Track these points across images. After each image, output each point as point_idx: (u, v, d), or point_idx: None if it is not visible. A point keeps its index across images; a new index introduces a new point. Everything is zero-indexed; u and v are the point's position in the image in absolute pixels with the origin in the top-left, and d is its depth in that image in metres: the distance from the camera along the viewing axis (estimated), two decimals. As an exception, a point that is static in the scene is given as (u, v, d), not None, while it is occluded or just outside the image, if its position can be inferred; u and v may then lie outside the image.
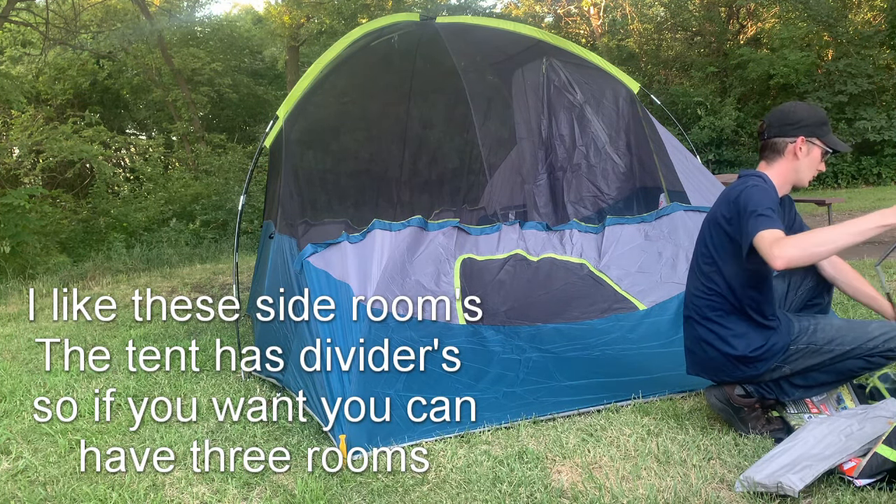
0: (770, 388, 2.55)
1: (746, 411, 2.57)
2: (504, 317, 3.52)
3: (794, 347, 2.48)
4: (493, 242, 3.71)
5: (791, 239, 2.18)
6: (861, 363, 2.48)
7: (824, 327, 2.50)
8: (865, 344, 2.45)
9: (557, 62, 4.46)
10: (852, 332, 2.47)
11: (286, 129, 4.04)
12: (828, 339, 2.47)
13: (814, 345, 2.47)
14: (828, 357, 2.48)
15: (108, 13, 15.09)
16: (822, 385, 2.55)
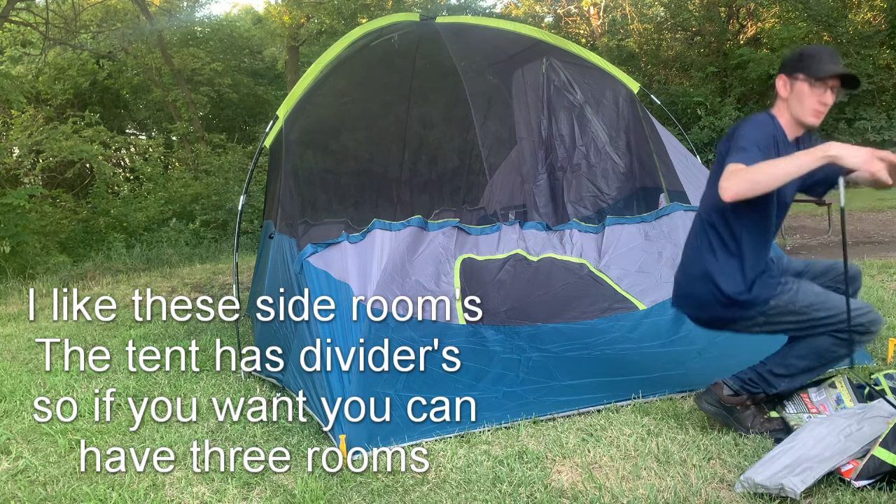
0: (755, 383, 2.57)
1: (739, 409, 2.57)
2: (504, 317, 3.52)
3: (775, 302, 2.48)
4: (493, 242, 3.71)
5: (739, 172, 2.24)
6: (832, 341, 2.48)
7: (807, 291, 2.50)
8: (840, 315, 2.44)
9: (557, 62, 4.46)
10: (830, 302, 2.47)
11: (286, 129, 4.04)
12: (808, 302, 2.48)
13: (793, 304, 2.48)
14: (803, 319, 2.48)
15: (108, 13, 15.08)
16: (803, 372, 2.54)
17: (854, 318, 2.44)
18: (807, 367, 2.54)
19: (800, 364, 2.54)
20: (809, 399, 2.62)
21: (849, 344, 2.47)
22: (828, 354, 2.52)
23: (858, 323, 2.45)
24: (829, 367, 2.59)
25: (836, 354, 2.51)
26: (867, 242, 7.39)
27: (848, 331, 2.44)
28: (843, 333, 2.47)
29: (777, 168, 2.22)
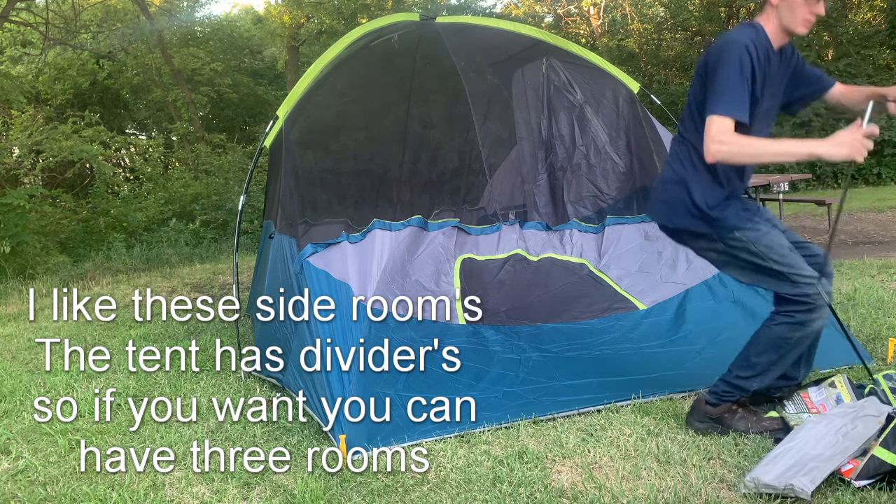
0: (729, 392, 2.57)
1: (728, 417, 2.57)
2: (504, 317, 3.52)
3: (740, 234, 2.48)
4: (493, 242, 3.71)
5: (732, 141, 2.30)
6: (784, 328, 2.48)
7: (774, 238, 2.49)
8: (792, 276, 2.45)
9: (557, 62, 4.45)
10: (790, 258, 2.47)
11: (286, 129, 4.04)
12: (769, 247, 2.47)
13: (755, 244, 2.47)
14: (757, 263, 2.48)
15: (108, 13, 15.07)
16: (768, 367, 2.53)
17: (803, 288, 2.44)
18: (769, 361, 2.53)
19: (762, 360, 2.54)
20: (809, 399, 2.63)
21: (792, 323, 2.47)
22: (784, 343, 2.51)
23: (804, 294, 2.45)
24: (791, 355, 2.55)
25: (791, 340, 2.49)
26: (867, 242, 7.39)
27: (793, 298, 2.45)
28: (783, 306, 2.48)
29: (770, 151, 2.34)
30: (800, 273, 2.46)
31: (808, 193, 13.50)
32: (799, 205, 10.70)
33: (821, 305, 2.46)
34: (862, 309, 4.08)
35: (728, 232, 2.49)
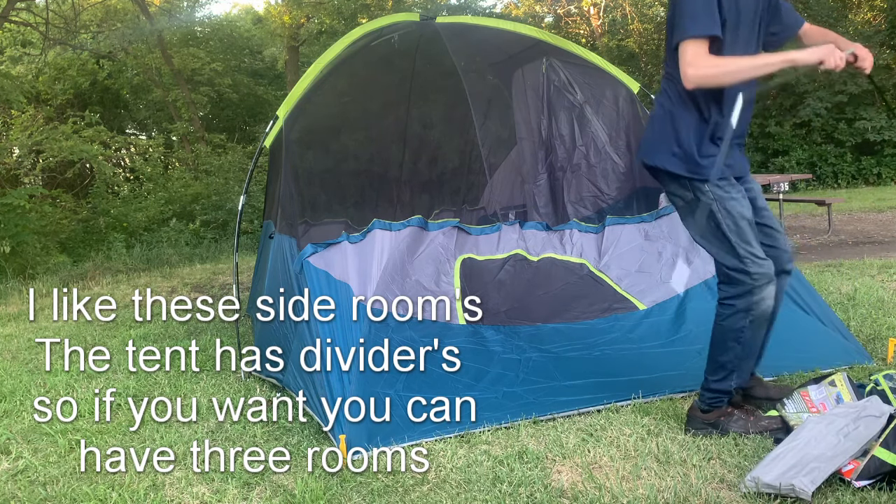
0: (715, 396, 2.57)
1: (725, 419, 2.57)
2: (504, 317, 3.52)
3: (709, 189, 2.46)
4: (493, 242, 3.71)
5: (710, 63, 2.30)
6: (735, 319, 2.49)
7: (736, 206, 2.47)
8: (738, 248, 2.44)
9: (557, 62, 4.46)
10: (745, 232, 2.47)
11: (286, 129, 4.04)
12: (729, 212, 2.46)
13: (717, 203, 2.46)
14: (712, 226, 2.48)
15: (108, 13, 15.08)
16: (735, 362, 2.53)
17: (746, 264, 2.44)
18: (735, 356, 2.53)
19: (727, 358, 2.54)
20: (809, 397, 2.62)
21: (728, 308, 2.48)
22: (740, 334, 2.50)
23: (745, 270, 2.45)
24: (755, 343, 2.55)
25: (746, 329, 2.49)
26: (867, 242, 7.39)
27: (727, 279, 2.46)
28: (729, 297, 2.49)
29: (746, 66, 2.33)
30: (748, 248, 2.46)
31: (808, 193, 13.51)
32: (799, 205, 10.71)
33: (761, 286, 2.46)
34: (862, 309, 4.08)
35: (700, 182, 2.48)
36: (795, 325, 3.40)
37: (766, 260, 2.49)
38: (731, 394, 2.57)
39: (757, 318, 2.49)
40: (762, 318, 2.51)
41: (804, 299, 3.50)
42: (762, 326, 2.54)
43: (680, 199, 2.57)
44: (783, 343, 3.29)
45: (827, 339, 3.31)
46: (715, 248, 2.53)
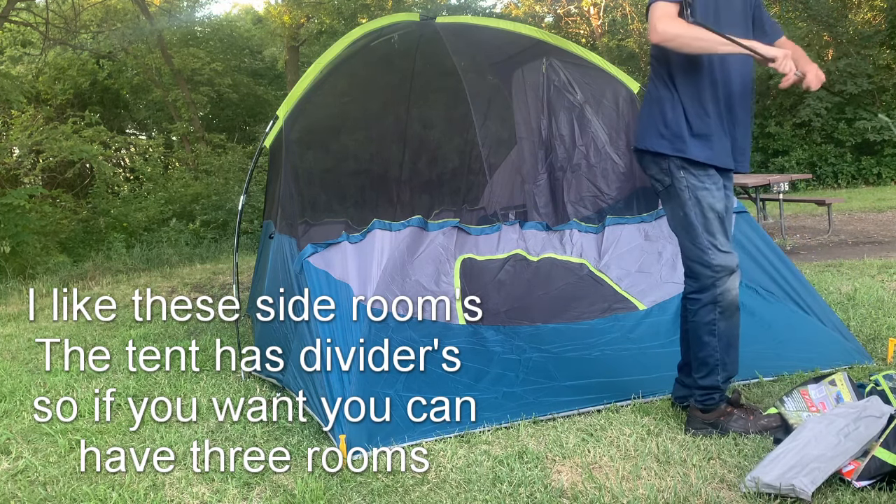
0: (707, 395, 2.58)
1: (724, 419, 2.56)
2: (504, 317, 3.52)
3: (685, 175, 2.49)
4: (493, 242, 3.71)
5: (677, 22, 2.34)
6: (703, 314, 2.52)
7: (708, 197, 2.48)
8: (702, 239, 2.47)
9: (557, 62, 4.46)
10: (712, 224, 2.48)
11: (286, 129, 4.04)
12: (699, 202, 2.48)
13: (689, 191, 2.48)
14: (683, 211, 2.50)
15: (108, 13, 15.08)
16: (716, 356, 2.53)
17: (708, 254, 2.47)
18: (714, 349, 2.54)
19: (707, 353, 2.55)
20: (809, 396, 2.62)
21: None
22: (712, 327, 2.52)
23: (707, 262, 2.47)
24: (732, 332, 2.55)
25: (717, 320, 2.51)
26: (867, 242, 7.39)
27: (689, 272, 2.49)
28: (693, 292, 2.52)
29: (713, 42, 2.33)
30: (710, 239, 2.48)
31: (808, 193, 13.51)
32: (799, 205, 10.71)
33: (723, 277, 2.48)
34: (862, 309, 4.08)
35: (678, 168, 2.50)
36: (795, 325, 3.40)
37: (730, 253, 2.51)
38: (720, 390, 2.57)
39: (725, 308, 2.51)
40: (731, 308, 2.53)
41: (804, 299, 3.50)
42: (733, 316, 2.55)
43: (659, 185, 2.60)
44: (783, 343, 3.30)
45: (827, 339, 3.31)
46: (681, 236, 2.57)
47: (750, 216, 3.77)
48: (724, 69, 2.49)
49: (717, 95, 2.50)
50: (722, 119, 2.51)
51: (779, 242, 6.48)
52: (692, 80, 2.49)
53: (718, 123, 2.51)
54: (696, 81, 2.49)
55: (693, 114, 2.49)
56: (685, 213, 2.52)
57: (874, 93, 14.62)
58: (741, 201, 3.91)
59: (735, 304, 2.53)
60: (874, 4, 15.77)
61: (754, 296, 3.52)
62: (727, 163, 2.55)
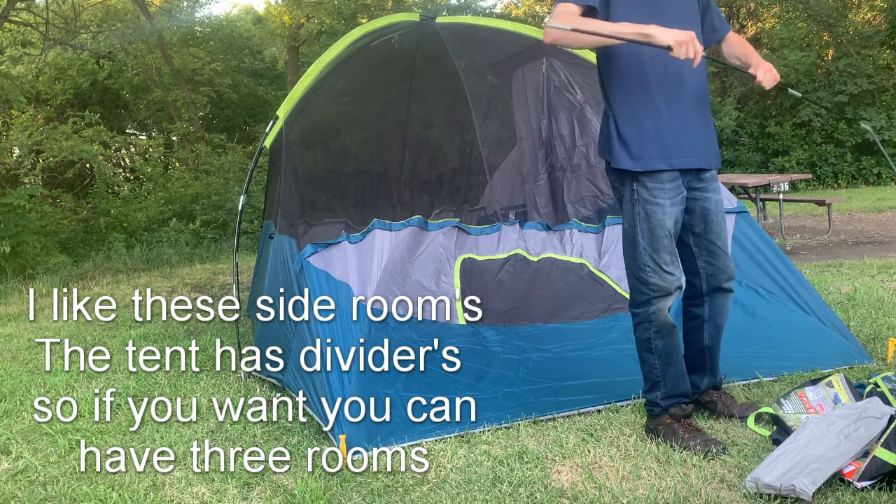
0: (649, 407, 2.60)
1: (661, 428, 2.54)
2: (504, 317, 3.52)
3: (637, 187, 2.43)
4: (493, 242, 3.71)
5: (569, 19, 2.28)
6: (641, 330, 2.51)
7: (659, 215, 2.42)
8: (644, 257, 2.44)
9: (557, 62, 4.45)
10: (658, 242, 2.43)
11: (286, 129, 4.04)
12: (647, 218, 2.43)
13: (639, 205, 2.43)
14: (630, 224, 2.47)
15: (108, 13, 15.08)
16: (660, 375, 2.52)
17: (646, 273, 2.44)
18: (653, 366, 2.53)
19: (645, 368, 2.56)
20: (807, 398, 2.62)
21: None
22: (648, 344, 2.52)
23: (644, 280, 2.45)
24: (672, 354, 2.53)
25: (652, 340, 2.50)
26: (867, 242, 7.39)
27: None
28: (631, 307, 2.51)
29: (600, 29, 2.26)
30: (654, 257, 2.44)
31: (808, 193, 13.51)
32: (799, 205, 10.71)
33: (658, 297, 2.45)
34: (862, 309, 4.08)
35: (631, 179, 2.45)
36: (795, 325, 3.40)
37: (672, 274, 2.46)
38: (658, 405, 2.55)
39: (660, 328, 2.48)
40: (665, 328, 2.49)
41: (804, 299, 3.50)
42: (671, 335, 2.52)
43: (616, 192, 2.57)
44: (783, 343, 3.29)
45: (827, 339, 3.31)
46: (625, 248, 2.53)
47: (750, 216, 3.77)
48: (654, 64, 2.40)
49: (651, 94, 2.41)
50: (666, 117, 2.41)
51: (779, 242, 6.48)
52: (623, 86, 2.43)
53: (664, 123, 2.41)
54: (627, 86, 2.42)
55: (632, 122, 2.43)
56: (632, 226, 2.48)
57: (874, 93, 14.61)
58: (741, 201, 3.91)
59: (669, 323, 2.50)
60: (874, 4, 15.77)
61: (754, 296, 3.52)
62: (688, 163, 2.46)
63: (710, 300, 2.62)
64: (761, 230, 3.75)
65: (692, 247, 2.59)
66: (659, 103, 2.42)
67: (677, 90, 2.44)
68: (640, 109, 2.43)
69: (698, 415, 2.72)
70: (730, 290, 2.64)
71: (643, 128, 2.42)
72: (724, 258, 2.61)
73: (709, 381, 2.71)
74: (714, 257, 2.59)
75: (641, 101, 2.42)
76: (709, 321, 2.64)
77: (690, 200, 2.53)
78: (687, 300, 2.69)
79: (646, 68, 2.41)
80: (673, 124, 2.43)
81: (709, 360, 2.68)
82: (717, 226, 2.58)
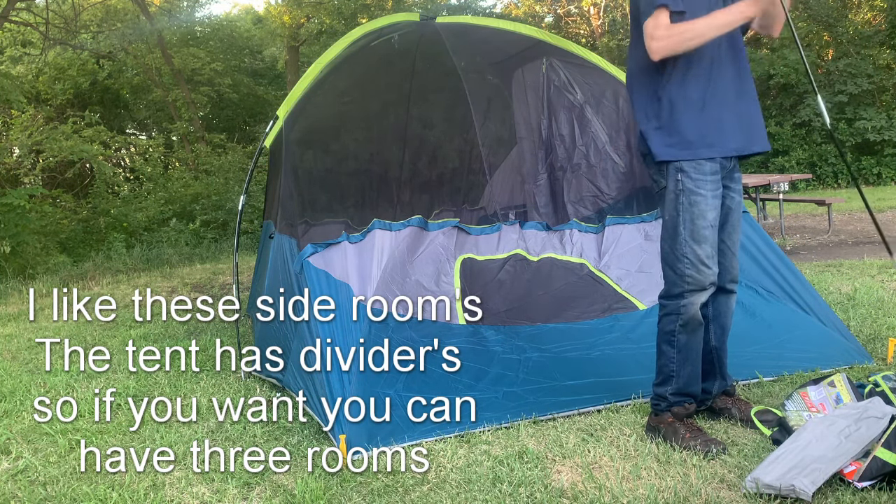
0: (655, 403, 2.58)
1: (663, 427, 2.54)
2: (504, 317, 3.52)
3: (682, 178, 2.42)
4: (493, 242, 3.71)
5: (670, 31, 2.30)
6: (667, 321, 2.52)
7: (702, 206, 2.42)
8: (683, 249, 2.44)
9: (557, 62, 4.45)
10: (700, 234, 2.43)
11: (286, 129, 4.04)
12: (690, 208, 2.42)
13: (682, 195, 2.42)
14: (671, 215, 2.47)
15: (108, 13, 15.09)
16: (675, 370, 2.52)
17: (683, 264, 2.45)
18: (670, 360, 2.53)
19: (662, 361, 2.55)
20: (809, 398, 2.62)
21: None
22: (671, 338, 2.51)
23: (682, 273, 2.45)
24: (691, 352, 2.52)
25: (676, 333, 2.49)
26: (867, 242, 7.39)
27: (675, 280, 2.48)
28: (662, 298, 2.51)
29: (705, 28, 2.29)
30: (694, 249, 2.43)
31: (809, 193, 13.51)
32: (799, 205, 10.71)
33: (691, 291, 2.45)
34: (862, 309, 4.08)
35: (676, 170, 2.44)
36: (795, 325, 3.40)
37: (710, 268, 2.46)
38: (667, 400, 2.55)
39: (687, 322, 2.48)
40: (693, 324, 2.49)
41: (804, 299, 3.50)
42: (696, 332, 2.51)
43: (657, 185, 2.56)
44: (783, 343, 3.30)
45: (827, 339, 3.31)
46: (664, 239, 2.53)
47: (750, 216, 3.77)
48: (712, 48, 2.40)
49: (707, 78, 2.40)
50: (722, 101, 2.41)
51: (779, 242, 6.48)
52: (680, 74, 2.41)
53: (719, 107, 2.41)
54: (682, 75, 2.41)
55: (687, 110, 2.42)
56: (673, 216, 2.48)
57: (874, 93, 14.61)
58: (741, 201, 3.90)
59: (697, 319, 2.50)
60: (874, 4, 15.78)
61: (754, 296, 3.52)
62: (732, 149, 2.46)
63: (713, 300, 2.61)
64: (761, 230, 3.75)
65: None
66: (713, 91, 2.42)
67: (731, 75, 2.44)
68: (694, 96, 2.41)
69: (699, 415, 2.72)
70: (732, 292, 2.65)
71: (696, 116, 2.42)
72: (731, 258, 2.61)
73: (720, 385, 2.70)
74: (723, 256, 2.59)
75: (696, 88, 2.41)
76: (714, 321, 2.64)
77: None
78: None
79: (705, 55, 2.40)
80: (725, 112, 2.44)
81: (717, 361, 2.67)
82: (732, 226, 2.59)
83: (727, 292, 2.63)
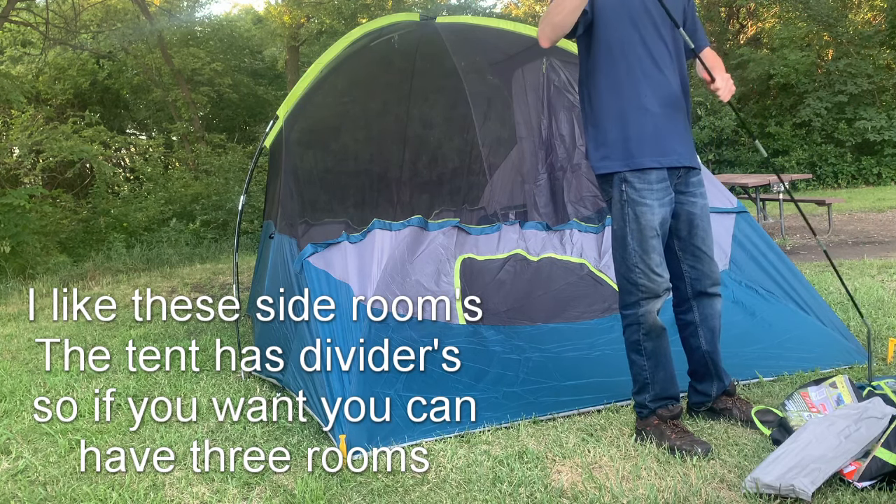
0: (637, 408, 2.58)
1: (649, 429, 2.54)
2: (504, 317, 3.52)
3: (626, 189, 2.43)
4: (493, 242, 3.71)
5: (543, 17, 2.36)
6: (630, 332, 2.53)
7: (648, 216, 2.42)
8: (634, 259, 2.44)
9: (557, 62, 4.46)
10: (647, 243, 2.42)
11: (286, 129, 4.04)
12: (637, 219, 2.42)
13: (628, 206, 2.43)
14: (619, 225, 2.46)
15: (108, 13, 15.08)
16: (649, 377, 2.52)
17: (635, 274, 2.45)
18: (642, 368, 2.53)
19: (634, 370, 2.56)
20: (810, 398, 2.62)
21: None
22: (638, 346, 2.52)
23: (634, 282, 2.45)
24: (661, 358, 2.52)
25: (641, 342, 2.51)
26: (867, 242, 7.39)
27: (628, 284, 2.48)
28: (621, 308, 2.52)
29: (560, 8, 2.31)
30: (644, 258, 2.44)
31: (808, 193, 13.51)
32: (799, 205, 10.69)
33: (647, 299, 2.46)
34: (862, 309, 4.07)
35: (620, 181, 2.45)
36: (795, 325, 3.40)
37: (661, 276, 2.46)
38: (646, 407, 2.55)
39: (649, 330, 2.49)
40: (655, 330, 2.50)
41: (804, 299, 3.50)
42: (661, 337, 2.52)
43: (605, 195, 2.57)
44: (783, 343, 3.29)
45: (827, 339, 3.31)
46: (616, 254, 2.53)
47: (750, 216, 3.77)
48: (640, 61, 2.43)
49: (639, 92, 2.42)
50: (658, 116, 2.43)
51: (779, 242, 6.48)
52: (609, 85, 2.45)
53: (651, 121, 2.42)
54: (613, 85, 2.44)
55: (619, 121, 2.44)
56: (621, 227, 2.48)
57: (874, 93, 14.61)
58: (741, 201, 3.91)
59: (658, 326, 2.50)
60: (874, 4, 15.77)
61: (754, 296, 3.52)
62: (677, 161, 2.46)
63: (697, 305, 2.62)
64: (761, 230, 3.75)
65: (676, 251, 2.60)
66: (647, 101, 2.43)
67: (664, 89, 2.45)
68: (627, 107, 2.44)
69: (700, 415, 2.72)
70: (716, 295, 2.64)
71: (632, 126, 2.44)
72: (708, 263, 2.61)
73: (718, 386, 2.69)
74: (699, 262, 2.59)
75: (629, 99, 2.44)
76: (701, 325, 2.63)
77: (676, 204, 2.54)
78: (676, 308, 2.69)
79: (632, 67, 2.43)
80: (661, 122, 2.45)
81: (711, 365, 2.66)
82: (702, 230, 2.58)
83: (710, 296, 2.63)
